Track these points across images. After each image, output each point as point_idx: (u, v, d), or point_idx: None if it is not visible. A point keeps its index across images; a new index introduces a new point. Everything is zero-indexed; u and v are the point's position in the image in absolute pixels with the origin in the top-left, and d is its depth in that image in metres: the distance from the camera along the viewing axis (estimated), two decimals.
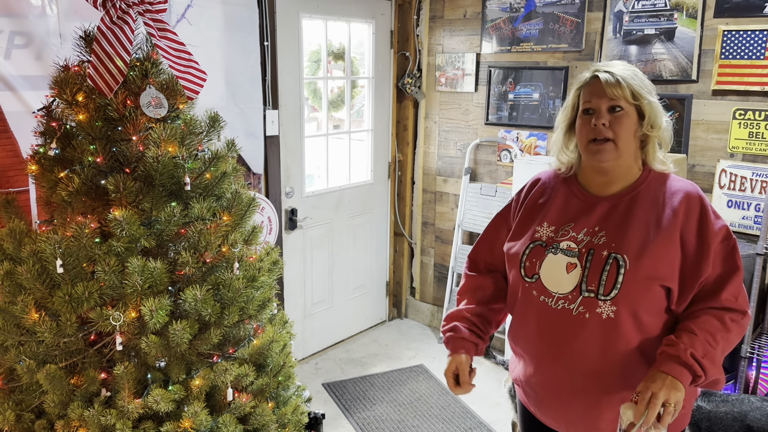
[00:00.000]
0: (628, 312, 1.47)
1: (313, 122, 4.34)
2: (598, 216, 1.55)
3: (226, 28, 3.15)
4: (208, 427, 1.86)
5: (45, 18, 2.49)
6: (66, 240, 1.75)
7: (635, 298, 1.46)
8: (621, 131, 1.49)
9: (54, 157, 1.86)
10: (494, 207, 3.93)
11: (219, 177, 1.99)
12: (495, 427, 3.27)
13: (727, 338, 1.44)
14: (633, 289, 1.46)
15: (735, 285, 1.47)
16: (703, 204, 1.50)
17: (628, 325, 1.47)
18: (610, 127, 1.49)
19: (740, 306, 1.47)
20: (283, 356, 2.19)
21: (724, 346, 1.44)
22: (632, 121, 1.50)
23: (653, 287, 1.46)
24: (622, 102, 1.49)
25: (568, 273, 1.52)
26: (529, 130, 3.82)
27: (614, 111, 1.50)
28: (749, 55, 2.96)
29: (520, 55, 3.79)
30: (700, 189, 1.55)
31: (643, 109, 1.50)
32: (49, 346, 1.81)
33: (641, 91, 1.50)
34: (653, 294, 1.47)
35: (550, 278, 1.54)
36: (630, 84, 1.49)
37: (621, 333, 1.47)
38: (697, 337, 1.41)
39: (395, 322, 4.69)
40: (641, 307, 1.47)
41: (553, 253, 1.56)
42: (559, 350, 1.53)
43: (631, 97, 1.49)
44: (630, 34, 3.31)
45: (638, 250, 1.47)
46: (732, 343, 1.47)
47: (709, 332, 1.42)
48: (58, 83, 1.86)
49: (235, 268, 1.94)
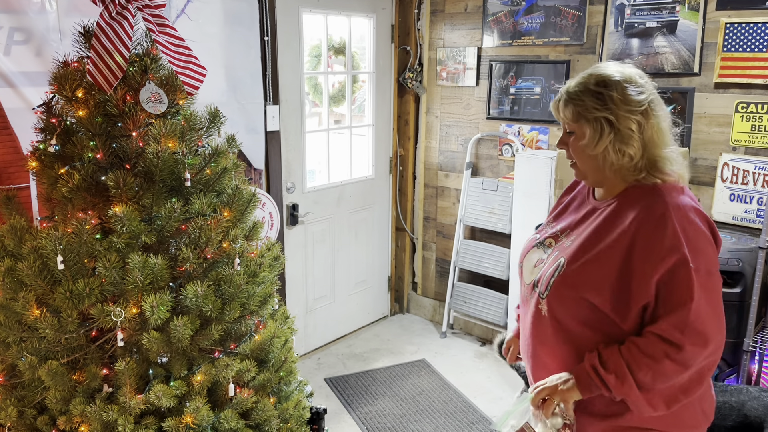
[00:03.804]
0: (554, 314, 1.51)
1: (314, 117, 4.33)
2: (578, 219, 1.58)
3: (226, 23, 3.14)
4: (209, 422, 1.86)
5: (44, 14, 2.49)
6: (67, 236, 1.75)
7: (560, 302, 1.49)
8: (575, 154, 1.51)
9: (54, 154, 1.86)
10: (496, 202, 3.93)
11: (219, 173, 1.99)
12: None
13: (656, 369, 1.38)
14: (558, 294, 1.49)
15: (679, 317, 1.36)
16: (658, 228, 1.38)
17: (555, 326, 1.52)
18: (571, 149, 1.52)
19: (679, 340, 1.36)
20: (285, 351, 2.19)
21: (652, 375, 1.38)
22: (588, 141, 1.46)
23: (577, 298, 1.46)
24: (569, 125, 1.50)
25: (534, 267, 1.61)
26: (531, 125, 3.80)
27: (569, 134, 1.51)
28: (751, 48, 2.94)
29: (522, 49, 3.77)
30: (674, 211, 1.40)
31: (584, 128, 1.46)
32: (50, 343, 1.81)
33: (584, 112, 1.45)
34: (578, 305, 1.46)
35: (526, 269, 1.66)
36: (570, 105, 1.47)
37: (551, 331, 1.54)
38: (617, 353, 1.41)
39: (397, 317, 4.69)
40: (565, 313, 1.49)
41: (536, 248, 1.65)
42: (523, 333, 1.66)
43: (572, 118, 1.47)
44: (632, 27, 3.30)
45: (573, 259, 1.49)
46: (667, 375, 1.39)
47: (636, 354, 1.39)
48: (58, 79, 1.85)
49: (236, 264, 1.94)
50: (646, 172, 1.46)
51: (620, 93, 1.42)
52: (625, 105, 1.42)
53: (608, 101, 1.42)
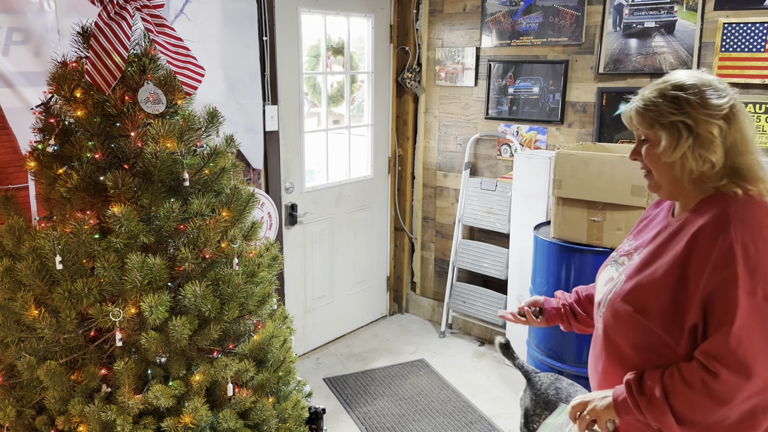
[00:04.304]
0: (608, 333, 1.45)
1: (312, 117, 4.34)
2: (652, 236, 1.49)
3: (225, 23, 3.14)
4: (208, 422, 1.86)
5: (43, 14, 2.49)
6: (65, 236, 1.75)
7: (614, 321, 1.43)
8: (650, 162, 1.41)
9: (53, 154, 1.86)
10: (494, 202, 3.93)
11: (218, 173, 1.99)
12: (496, 421, 3.27)
13: (691, 397, 1.28)
14: (612, 311, 1.43)
15: (718, 341, 1.26)
16: (713, 241, 1.28)
17: (609, 347, 1.46)
18: (645, 158, 1.42)
19: (714, 367, 1.25)
20: (284, 351, 2.19)
21: (688, 404, 1.29)
22: (664, 148, 1.36)
23: (629, 317, 1.38)
24: (643, 133, 1.41)
25: (604, 285, 1.55)
26: (530, 125, 3.81)
27: (643, 142, 1.42)
28: (749, 48, 2.95)
29: (520, 49, 3.77)
30: (738, 224, 1.29)
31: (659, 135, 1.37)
32: (49, 343, 1.81)
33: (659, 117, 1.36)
34: (631, 324, 1.39)
35: (597, 287, 1.60)
36: (644, 112, 1.38)
37: (605, 353, 1.48)
38: (657, 376, 1.33)
39: (396, 316, 4.69)
40: (618, 333, 1.42)
41: (611, 265, 1.58)
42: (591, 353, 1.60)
43: (647, 125, 1.39)
44: (630, 27, 3.30)
45: (631, 276, 1.42)
46: (703, 406, 1.28)
47: (676, 379, 1.31)
48: (57, 79, 1.85)
49: (235, 264, 1.94)
50: (727, 179, 1.35)
51: (698, 96, 1.34)
52: (704, 109, 1.33)
53: (685, 104, 1.34)
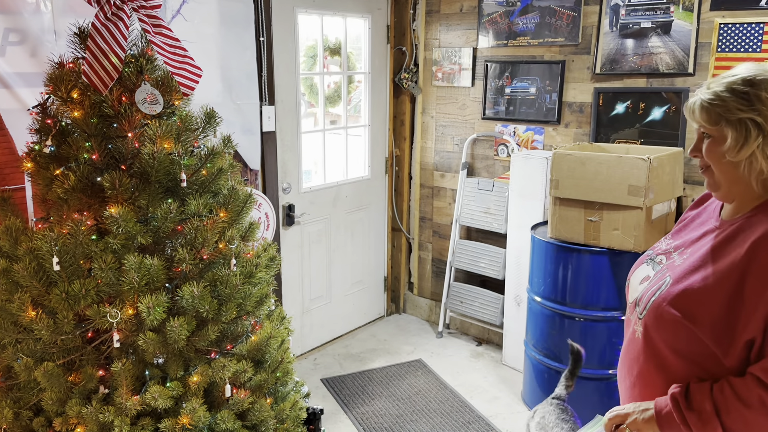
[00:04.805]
0: (649, 338, 1.37)
1: (309, 118, 4.34)
2: (697, 236, 1.43)
3: (222, 23, 3.14)
4: (206, 423, 1.86)
5: (39, 15, 2.48)
6: (62, 237, 1.75)
7: (657, 325, 1.35)
8: (711, 160, 1.34)
9: (49, 155, 1.85)
10: (491, 202, 3.94)
11: (215, 173, 1.99)
12: (493, 421, 3.27)
13: (748, 416, 1.23)
14: (656, 315, 1.35)
15: None
16: None
17: (648, 352, 1.39)
18: (705, 155, 1.35)
19: None
20: (281, 352, 2.19)
21: (743, 423, 1.24)
22: (729, 146, 1.29)
23: (676, 322, 1.31)
24: (706, 129, 1.33)
25: (639, 284, 1.48)
26: (526, 125, 3.81)
27: (705, 137, 1.35)
28: (745, 48, 2.96)
29: (517, 50, 3.78)
30: None
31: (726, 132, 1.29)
32: (46, 344, 1.80)
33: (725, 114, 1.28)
34: (675, 330, 1.32)
35: (632, 286, 1.53)
36: (709, 106, 1.30)
37: (643, 357, 1.41)
38: (707, 390, 1.27)
39: (393, 317, 4.69)
40: (660, 338, 1.35)
41: (646, 263, 1.53)
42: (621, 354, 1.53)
43: (711, 120, 1.30)
44: (626, 27, 3.31)
45: (680, 279, 1.34)
46: (760, 426, 1.23)
47: (729, 395, 1.24)
48: (53, 80, 1.85)
49: (232, 265, 1.94)
50: None
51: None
52: None
53: (755, 101, 1.25)
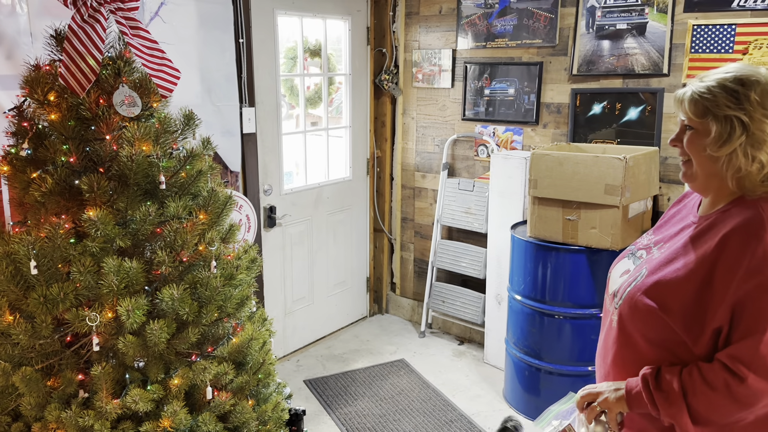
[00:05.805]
0: (623, 326, 1.43)
1: (290, 119, 4.33)
2: (675, 231, 1.47)
3: (201, 25, 3.13)
4: (187, 426, 1.86)
5: (15, 17, 2.46)
6: (40, 241, 1.73)
7: (631, 314, 1.40)
8: (692, 151, 1.38)
9: (26, 158, 1.84)
10: (472, 202, 3.97)
11: (195, 175, 1.98)
12: (475, 419, 3.30)
13: (712, 399, 1.28)
14: (630, 304, 1.41)
15: (747, 347, 1.25)
16: (746, 246, 1.27)
17: (622, 340, 1.44)
18: (686, 146, 1.40)
19: (741, 371, 1.25)
20: (263, 354, 2.19)
21: (707, 405, 1.29)
22: (712, 140, 1.33)
23: (648, 311, 1.36)
24: (692, 121, 1.37)
25: (620, 277, 1.53)
26: (506, 125, 3.85)
27: (688, 129, 1.39)
28: (718, 49, 3.02)
29: (496, 51, 3.81)
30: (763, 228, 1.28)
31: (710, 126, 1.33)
32: (24, 349, 1.79)
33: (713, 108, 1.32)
34: (648, 319, 1.37)
35: (612, 278, 1.57)
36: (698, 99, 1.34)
37: (617, 346, 1.46)
38: (676, 373, 1.32)
39: (376, 317, 4.70)
40: (634, 326, 1.40)
41: (627, 258, 1.57)
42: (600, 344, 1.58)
43: (698, 113, 1.34)
44: (602, 29, 3.36)
45: (654, 270, 1.40)
46: (723, 409, 1.28)
47: (696, 378, 1.30)
48: (30, 83, 1.84)
49: (213, 267, 1.94)
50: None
51: (759, 95, 1.30)
52: (763, 109, 1.30)
53: (744, 101, 1.30)
